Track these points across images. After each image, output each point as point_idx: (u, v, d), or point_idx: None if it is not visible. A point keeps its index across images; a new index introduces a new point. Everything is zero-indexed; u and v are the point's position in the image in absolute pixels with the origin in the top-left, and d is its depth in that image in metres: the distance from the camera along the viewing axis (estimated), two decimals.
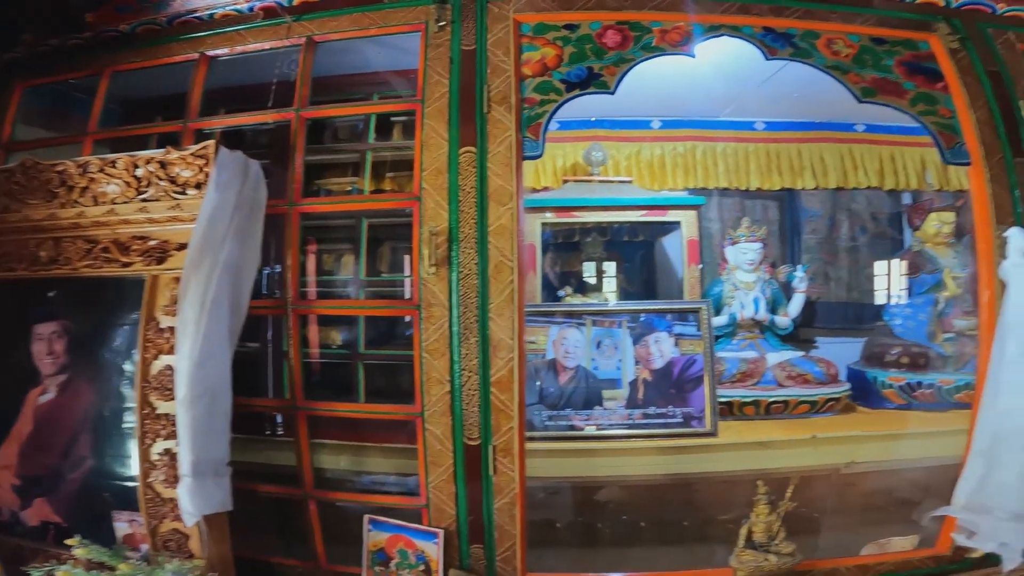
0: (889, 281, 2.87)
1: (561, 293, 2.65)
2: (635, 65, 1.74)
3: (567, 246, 2.81)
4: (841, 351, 2.91)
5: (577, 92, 1.71)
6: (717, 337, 2.84)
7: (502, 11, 1.75)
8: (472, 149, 1.62)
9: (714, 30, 1.75)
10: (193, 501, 1.44)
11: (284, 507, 1.79)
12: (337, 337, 2.30)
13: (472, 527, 1.63)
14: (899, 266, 2.88)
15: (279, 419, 2.02)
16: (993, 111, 1.69)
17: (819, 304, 3.10)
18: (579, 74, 1.72)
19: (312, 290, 2.31)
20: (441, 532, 1.61)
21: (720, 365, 2.60)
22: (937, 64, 1.74)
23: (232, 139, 1.80)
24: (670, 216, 2.49)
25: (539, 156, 1.65)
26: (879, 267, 3.02)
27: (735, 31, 1.75)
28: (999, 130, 1.67)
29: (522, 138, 1.65)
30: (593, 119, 3.23)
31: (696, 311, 2.40)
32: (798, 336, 3.05)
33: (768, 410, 2.54)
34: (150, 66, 1.89)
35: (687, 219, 2.49)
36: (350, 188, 2.35)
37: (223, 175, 1.50)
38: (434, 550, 1.62)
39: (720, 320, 2.80)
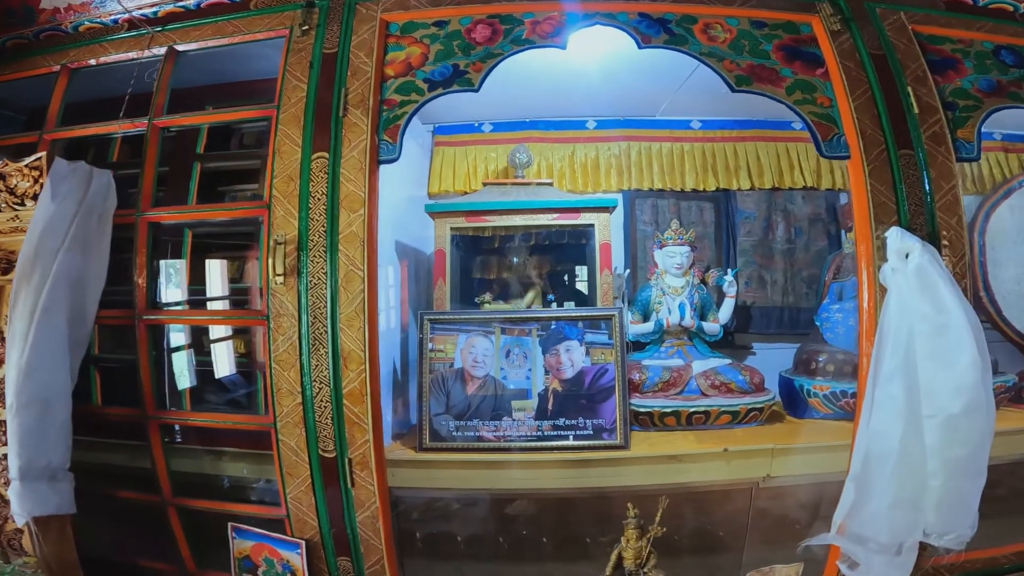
0: (821, 285, 2.78)
1: (478, 300, 2.59)
2: (503, 60, 1.68)
3: (489, 251, 2.74)
4: (779, 358, 2.82)
5: (440, 91, 1.65)
6: (645, 345, 2.78)
7: (370, 11, 1.69)
8: (325, 155, 1.57)
9: (588, 18, 1.68)
10: (22, 504, 1.45)
11: (149, 511, 1.75)
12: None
13: (337, 539, 1.59)
14: (830, 269, 2.79)
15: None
16: (876, 99, 1.60)
17: (755, 309, 3.01)
18: (443, 72, 1.66)
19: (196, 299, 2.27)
20: (303, 543, 1.57)
21: (642, 374, 2.53)
22: (818, 48, 1.66)
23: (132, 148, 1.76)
24: (583, 219, 2.42)
25: (396, 159, 1.59)
26: (813, 270, 2.93)
27: (609, 18, 1.68)
28: (882, 120, 1.58)
29: (379, 141, 1.60)
30: (528, 120, 3.17)
31: (608, 318, 2.32)
32: (733, 343, 2.97)
33: (689, 421, 2.46)
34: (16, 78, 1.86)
35: (600, 222, 2.41)
36: (250, 194, 2.31)
37: (59, 186, 1.47)
38: (299, 560, 1.58)
39: (647, 327, 2.72)
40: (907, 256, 1.42)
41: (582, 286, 2.82)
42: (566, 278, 2.79)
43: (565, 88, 2.94)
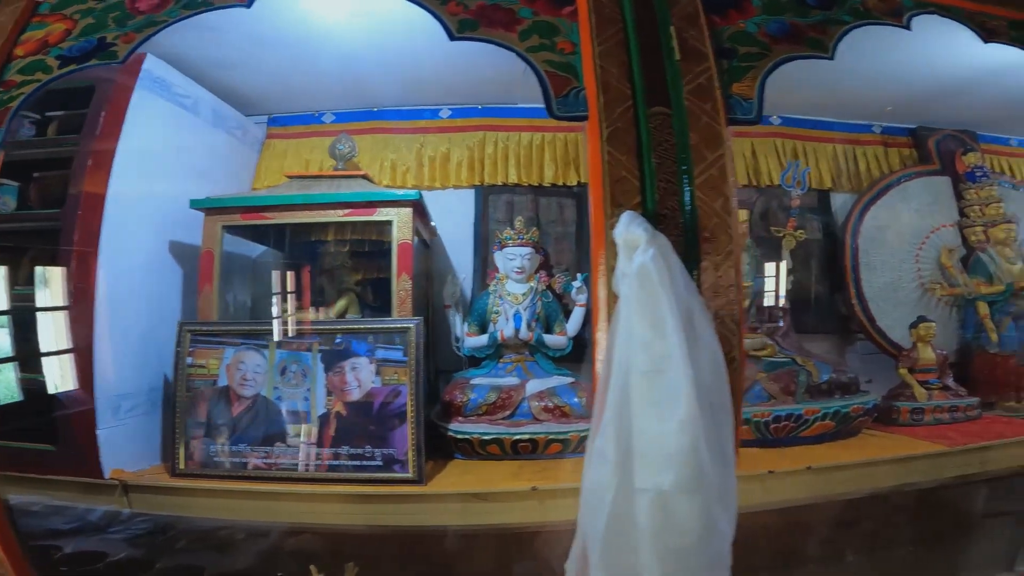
0: None
1: (275, 309, 2.22)
2: (166, 27, 1.35)
3: (298, 254, 2.38)
4: None
5: (73, 67, 1.33)
6: (480, 360, 2.41)
7: None
8: None
9: None
10: None
11: None
12: None
13: None
14: None
15: None
16: (630, 41, 1.25)
17: None
18: (84, 47, 1.36)
19: None
20: None
21: (464, 395, 2.16)
22: None
23: None
24: (380, 215, 2.07)
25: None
26: None
27: None
28: (633, 69, 1.23)
29: None
30: (375, 109, 2.84)
31: (403, 331, 1.96)
32: (587, 357, 2.61)
33: (516, 449, 2.08)
34: None
35: (400, 218, 2.06)
36: None
37: None
38: None
39: (481, 340, 2.36)
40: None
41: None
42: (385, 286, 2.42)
43: (416, 75, 2.65)
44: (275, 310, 2.10)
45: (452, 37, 1.29)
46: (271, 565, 1.87)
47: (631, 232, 1.03)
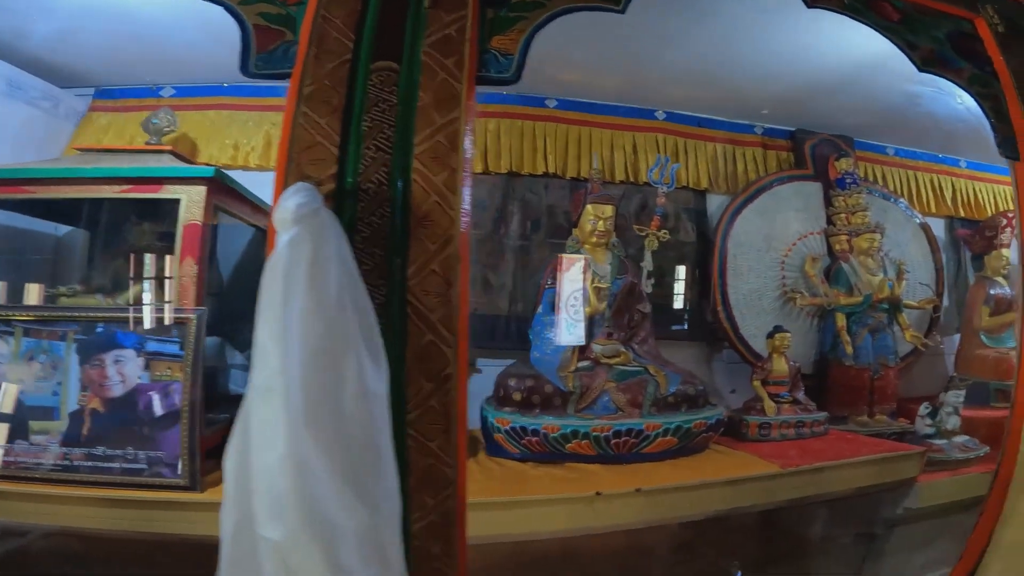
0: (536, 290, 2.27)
1: (56, 292, 1.91)
2: None
3: (93, 232, 2.08)
4: None
5: None
6: None
7: None
8: None
9: None
10: None
11: None
12: None
13: None
14: (547, 271, 2.28)
15: None
16: None
17: (478, 317, 2.47)
18: None
19: None
20: None
21: None
22: None
23: None
24: (167, 192, 1.79)
25: None
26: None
27: None
28: (367, 22, 1.02)
29: None
30: (225, 84, 2.53)
31: (183, 322, 1.69)
32: None
33: None
34: None
35: (191, 197, 1.78)
36: None
37: None
38: None
39: None
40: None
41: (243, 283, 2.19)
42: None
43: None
44: (31, 293, 1.78)
45: None
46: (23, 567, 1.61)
47: (282, 208, 0.81)
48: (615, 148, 2.65)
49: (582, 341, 2.17)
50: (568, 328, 2.18)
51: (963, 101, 1.66)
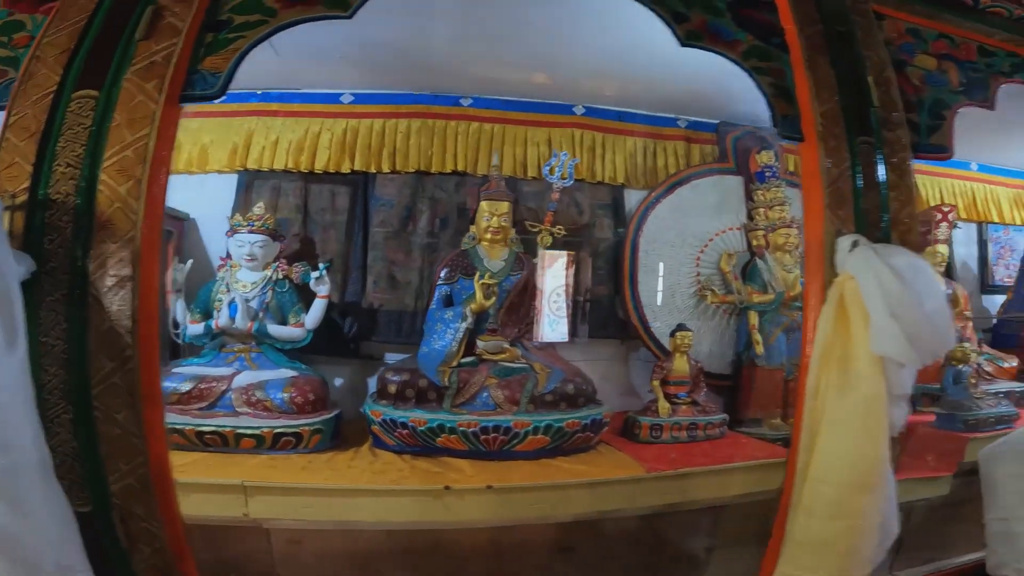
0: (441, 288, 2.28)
1: None
2: None
3: None
4: None
5: None
6: (199, 349, 2.29)
7: None
8: None
9: None
10: None
11: None
12: None
13: None
14: (440, 267, 2.30)
15: None
16: (93, 28, 1.15)
17: (384, 313, 2.51)
18: None
19: None
20: None
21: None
22: None
23: None
24: None
25: None
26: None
27: None
28: (80, 55, 1.13)
29: None
30: None
31: None
32: (358, 352, 2.48)
33: (203, 440, 1.96)
34: None
35: None
36: None
37: None
38: None
39: (198, 328, 2.24)
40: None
41: None
42: None
43: None
44: None
45: None
46: None
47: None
48: (528, 144, 2.64)
49: (460, 337, 2.18)
50: (450, 324, 2.20)
51: None
